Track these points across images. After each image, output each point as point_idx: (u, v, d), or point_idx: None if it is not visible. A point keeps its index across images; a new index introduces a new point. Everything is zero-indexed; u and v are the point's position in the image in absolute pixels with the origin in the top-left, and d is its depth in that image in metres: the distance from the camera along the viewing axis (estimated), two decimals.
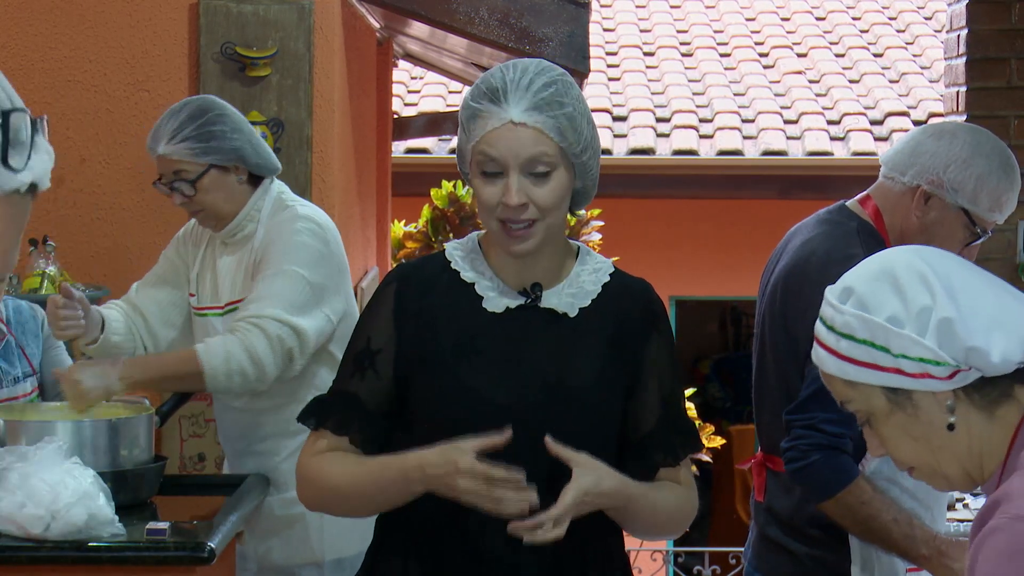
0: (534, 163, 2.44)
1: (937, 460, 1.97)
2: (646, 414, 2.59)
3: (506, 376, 2.50)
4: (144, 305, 3.86)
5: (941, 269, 1.96)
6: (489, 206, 2.46)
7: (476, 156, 2.46)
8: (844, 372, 1.98)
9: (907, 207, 3.27)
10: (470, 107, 2.48)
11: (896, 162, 3.30)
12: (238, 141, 3.70)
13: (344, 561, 3.70)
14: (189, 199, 3.69)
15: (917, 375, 1.93)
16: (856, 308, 1.96)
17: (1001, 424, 1.95)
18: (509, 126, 2.44)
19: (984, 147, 3.26)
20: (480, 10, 5.22)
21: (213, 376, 3.49)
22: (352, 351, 2.59)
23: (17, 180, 1.20)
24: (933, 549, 3.05)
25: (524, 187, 2.44)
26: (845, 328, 1.97)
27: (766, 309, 3.38)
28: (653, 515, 2.57)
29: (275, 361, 3.51)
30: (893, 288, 1.95)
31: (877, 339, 1.94)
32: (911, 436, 1.97)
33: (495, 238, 2.51)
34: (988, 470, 1.96)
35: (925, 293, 1.93)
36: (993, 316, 1.93)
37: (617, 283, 2.61)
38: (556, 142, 2.45)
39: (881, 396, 1.96)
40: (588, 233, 8.73)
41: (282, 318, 3.52)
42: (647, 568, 8.52)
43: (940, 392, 1.93)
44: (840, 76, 11.75)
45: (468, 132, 2.48)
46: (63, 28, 4.79)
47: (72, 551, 3.01)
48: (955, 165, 3.23)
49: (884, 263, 2.01)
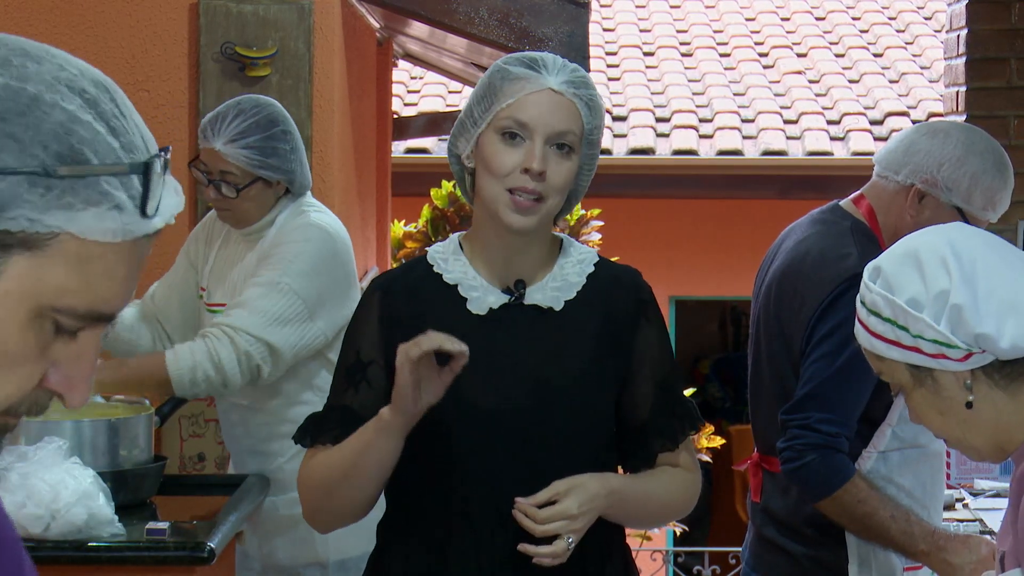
0: (561, 136, 2.45)
1: (963, 433, 2.07)
2: (641, 402, 2.59)
3: (494, 378, 2.50)
4: (161, 311, 3.86)
5: (965, 252, 2.04)
6: (503, 171, 2.45)
7: (501, 120, 2.45)
8: (873, 347, 2.09)
9: (901, 206, 3.27)
10: (504, 70, 2.47)
11: (890, 161, 3.30)
12: (294, 162, 3.67)
13: (348, 562, 3.70)
14: (225, 199, 3.66)
15: (935, 355, 2.03)
16: (882, 288, 2.07)
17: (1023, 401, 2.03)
18: (548, 92, 2.45)
19: (978, 146, 3.26)
20: (480, 10, 5.21)
21: (179, 383, 3.49)
22: (343, 365, 2.58)
23: (151, 226, 1.17)
24: (932, 544, 3.05)
25: (546, 156, 2.45)
26: (873, 306, 2.08)
27: (761, 309, 3.38)
28: (647, 503, 2.58)
29: (240, 373, 3.50)
30: (916, 270, 2.05)
31: (898, 319, 2.05)
32: (937, 410, 2.07)
33: (495, 208, 2.47)
34: (1016, 441, 2.04)
35: (944, 277, 2.02)
36: (1010, 301, 1.99)
37: (604, 273, 2.60)
38: (583, 121, 2.47)
39: (905, 372, 2.07)
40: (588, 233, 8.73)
41: (257, 334, 3.49)
42: (647, 568, 8.51)
43: (959, 372, 2.03)
44: (840, 76, 11.75)
45: (496, 93, 2.47)
46: (62, 28, 4.79)
47: (72, 551, 3.01)
48: (949, 164, 3.23)
49: (912, 244, 2.11)
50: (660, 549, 8.64)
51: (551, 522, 2.42)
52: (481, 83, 2.52)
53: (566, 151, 2.46)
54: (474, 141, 2.50)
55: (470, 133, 2.50)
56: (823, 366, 3.10)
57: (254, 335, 3.49)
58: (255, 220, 3.69)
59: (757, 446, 3.43)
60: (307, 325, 3.56)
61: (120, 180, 1.14)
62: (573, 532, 2.42)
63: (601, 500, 2.46)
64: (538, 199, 2.45)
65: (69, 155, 1.12)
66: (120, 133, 1.16)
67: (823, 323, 3.12)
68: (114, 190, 1.14)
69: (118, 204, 1.14)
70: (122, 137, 1.16)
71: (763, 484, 3.39)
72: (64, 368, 1.17)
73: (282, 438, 3.71)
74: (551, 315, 2.54)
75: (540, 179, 2.44)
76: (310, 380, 3.68)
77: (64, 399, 1.18)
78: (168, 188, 1.20)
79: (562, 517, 2.42)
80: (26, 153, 1.10)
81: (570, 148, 2.47)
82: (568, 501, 2.42)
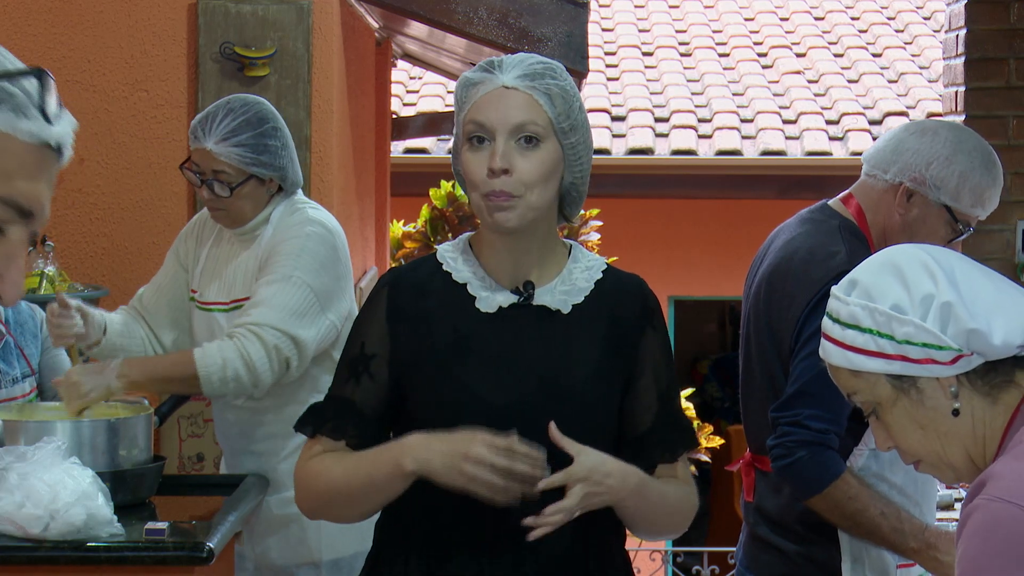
0: (521, 128, 2.44)
1: (943, 447, 2.01)
2: (643, 411, 2.59)
3: (501, 375, 2.50)
4: (150, 311, 3.86)
5: (944, 260, 2.02)
6: (475, 179, 2.46)
7: (466, 127, 2.47)
8: (850, 362, 2.02)
9: (889, 204, 3.28)
10: (466, 78, 2.50)
11: (878, 160, 3.31)
12: (285, 159, 3.69)
13: (341, 561, 3.70)
14: (219, 199, 3.67)
15: (921, 361, 1.98)
16: (861, 298, 2.02)
17: (1003, 409, 1.99)
18: (500, 91, 2.46)
19: (966, 144, 3.26)
20: (479, 10, 5.22)
21: (208, 381, 3.49)
22: (347, 357, 2.59)
23: (51, 133, 1.36)
24: (922, 542, 3.05)
25: (509, 154, 2.44)
26: (850, 318, 2.02)
27: (751, 309, 3.38)
28: (662, 504, 2.55)
29: (271, 369, 3.51)
30: (897, 277, 2.00)
31: (882, 327, 1.99)
32: (917, 424, 2.01)
33: (481, 216, 2.49)
34: (990, 454, 2.00)
35: (928, 280, 1.99)
36: (994, 301, 1.98)
37: (611, 280, 2.61)
38: (546, 111, 2.45)
39: (886, 384, 2.01)
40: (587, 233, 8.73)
41: (281, 327, 3.51)
42: (646, 568, 8.52)
43: (944, 378, 1.98)
44: (839, 76, 11.76)
45: (461, 103, 2.49)
46: (62, 28, 4.79)
47: (71, 551, 3.01)
48: (937, 162, 3.24)
49: (888, 256, 2.06)
50: (659, 549, 8.65)
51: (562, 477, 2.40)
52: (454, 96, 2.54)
53: (533, 143, 2.45)
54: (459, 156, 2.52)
55: (457, 150, 2.53)
56: (812, 363, 3.09)
57: (279, 329, 3.51)
58: (249, 219, 3.69)
59: (749, 445, 3.43)
60: (321, 317, 3.58)
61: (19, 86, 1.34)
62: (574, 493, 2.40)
63: (615, 480, 2.43)
64: (510, 198, 2.45)
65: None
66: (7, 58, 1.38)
67: (811, 321, 3.12)
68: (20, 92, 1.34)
69: (22, 105, 1.34)
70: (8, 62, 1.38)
71: (756, 483, 3.39)
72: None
73: (276, 438, 3.72)
74: (559, 317, 2.55)
75: (507, 176, 2.44)
76: (307, 380, 3.68)
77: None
78: (65, 113, 1.40)
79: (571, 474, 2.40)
80: None
81: (536, 139, 2.46)
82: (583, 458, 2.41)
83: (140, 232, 4.78)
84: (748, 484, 3.42)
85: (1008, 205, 5.06)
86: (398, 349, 2.53)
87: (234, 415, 3.79)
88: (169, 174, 4.67)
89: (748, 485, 3.42)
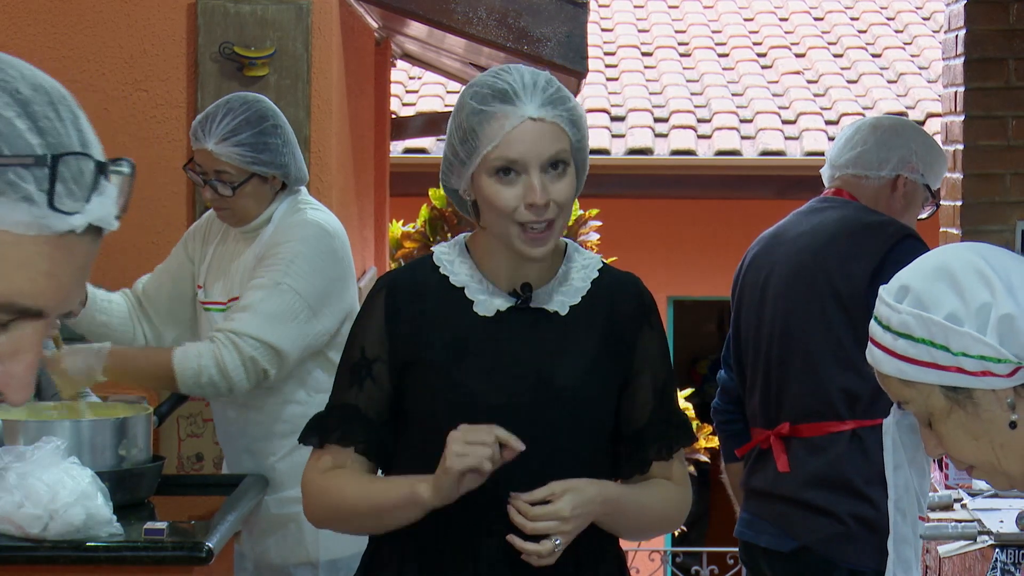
0: (553, 159, 2.44)
1: (998, 458, 1.95)
2: (640, 408, 2.59)
3: (499, 377, 2.51)
4: (149, 299, 3.86)
5: (999, 265, 1.93)
6: (509, 209, 2.44)
7: (491, 161, 2.44)
8: (902, 372, 1.94)
9: (888, 196, 3.70)
10: (479, 111, 2.44)
11: (866, 160, 3.71)
12: (287, 156, 3.69)
13: (338, 562, 3.70)
14: (223, 199, 3.67)
15: (978, 373, 1.90)
16: (913, 307, 1.93)
17: None
18: (528, 123, 2.43)
19: (912, 126, 3.85)
20: (478, 10, 5.21)
21: (183, 381, 3.52)
22: (347, 363, 2.59)
23: (68, 223, 1.17)
24: None
25: (545, 186, 2.44)
26: (902, 327, 1.93)
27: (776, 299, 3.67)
28: (641, 515, 2.58)
29: (246, 378, 3.52)
30: (951, 285, 1.92)
31: (936, 338, 1.90)
32: (971, 435, 1.94)
33: (510, 243, 2.48)
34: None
35: (984, 289, 1.90)
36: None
37: (607, 279, 2.61)
38: (570, 137, 2.46)
39: (940, 395, 1.93)
40: (586, 233, 8.74)
41: (261, 337, 3.51)
42: (645, 568, 8.52)
43: (1000, 389, 1.91)
44: (838, 76, 11.76)
45: (478, 136, 2.44)
46: (61, 28, 4.79)
47: (70, 551, 3.01)
48: (920, 148, 3.74)
49: (940, 260, 1.97)
50: (658, 549, 8.65)
51: (543, 521, 2.42)
52: (458, 123, 2.47)
53: (561, 168, 2.46)
54: (468, 179, 2.49)
55: (460, 172, 2.49)
56: None
57: (258, 339, 3.51)
58: (254, 217, 3.70)
59: (787, 418, 3.65)
60: (310, 324, 3.58)
61: (30, 173, 1.15)
62: (563, 534, 2.43)
63: (596, 506, 2.46)
64: (549, 225, 2.46)
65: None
66: (47, 133, 1.17)
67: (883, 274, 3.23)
68: (21, 181, 1.15)
69: (27, 196, 1.15)
70: (49, 137, 1.17)
71: (793, 452, 3.63)
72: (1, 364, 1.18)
73: (275, 437, 3.72)
74: (556, 318, 2.55)
75: (545, 209, 2.44)
76: (305, 379, 3.69)
77: (2, 395, 1.20)
78: (104, 192, 1.21)
79: (554, 517, 2.42)
80: None
81: (564, 163, 2.47)
82: (562, 502, 2.42)
83: (140, 232, 4.77)
84: (781, 456, 3.66)
85: (1008, 205, 5.06)
86: (397, 352, 2.53)
87: (234, 414, 3.79)
88: (169, 174, 4.67)
89: (781, 457, 3.66)
